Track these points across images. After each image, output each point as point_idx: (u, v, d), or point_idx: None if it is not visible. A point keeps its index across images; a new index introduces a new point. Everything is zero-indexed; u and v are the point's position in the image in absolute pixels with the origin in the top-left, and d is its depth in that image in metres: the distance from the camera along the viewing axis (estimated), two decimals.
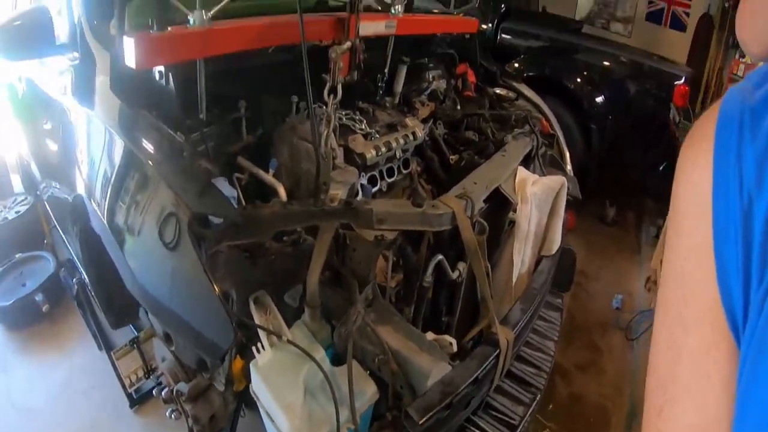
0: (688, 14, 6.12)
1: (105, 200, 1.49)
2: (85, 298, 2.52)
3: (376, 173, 1.86)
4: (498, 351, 1.52)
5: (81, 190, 1.69)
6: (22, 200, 3.49)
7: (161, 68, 1.52)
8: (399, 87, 2.33)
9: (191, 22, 1.46)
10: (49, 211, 2.43)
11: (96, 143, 1.62)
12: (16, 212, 3.36)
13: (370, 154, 1.78)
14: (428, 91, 2.44)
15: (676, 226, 0.54)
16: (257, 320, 1.35)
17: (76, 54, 1.75)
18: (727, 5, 5.47)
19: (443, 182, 2.15)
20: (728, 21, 5.55)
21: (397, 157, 1.94)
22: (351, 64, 1.78)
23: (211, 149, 1.58)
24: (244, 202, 1.52)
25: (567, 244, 2.34)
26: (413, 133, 2.01)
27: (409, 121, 2.06)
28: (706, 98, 6.01)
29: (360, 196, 1.69)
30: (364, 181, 1.78)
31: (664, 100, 4.16)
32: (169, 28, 1.41)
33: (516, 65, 4.61)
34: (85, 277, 2.06)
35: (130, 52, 1.35)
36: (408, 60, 2.30)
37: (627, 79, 4.39)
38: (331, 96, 1.48)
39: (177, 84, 1.46)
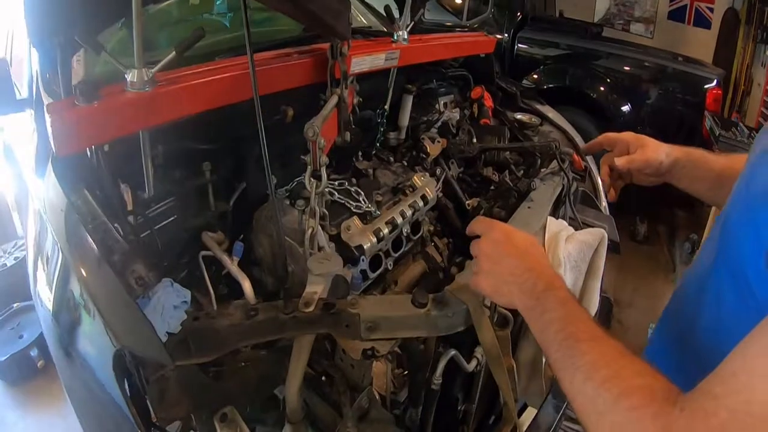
0: (712, 10, 6.01)
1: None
2: None
3: (380, 253, 1.47)
4: None
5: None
6: (23, 245, 3.28)
7: None
8: (405, 121, 1.96)
9: (128, 83, 1.09)
10: None
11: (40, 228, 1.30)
12: (15, 258, 3.22)
13: (370, 243, 1.39)
14: (439, 123, 2.08)
15: None
16: None
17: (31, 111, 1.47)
18: None
19: (461, 233, 1.79)
20: (755, 15, 5.28)
21: (404, 233, 1.56)
22: (340, 124, 1.42)
23: (168, 228, 1.26)
24: (212, 291, 1.22)
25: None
26: (423, 197, 1.62)
27: (418, 178, 1.66)
28: (735, 98, 5.74)
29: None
30: (365, 265, 1.39)
31: (696, 106, 3.91)
32: (99, 95, 1.04)
33: (535, 77, 4.41)
34: None
35: (49, 133, 1.00)
36: (414, 88, 1.95)
37: (654, 85, 4.14)
38: (314, 183, 1.18)
39: (111, 160, 1.14)
